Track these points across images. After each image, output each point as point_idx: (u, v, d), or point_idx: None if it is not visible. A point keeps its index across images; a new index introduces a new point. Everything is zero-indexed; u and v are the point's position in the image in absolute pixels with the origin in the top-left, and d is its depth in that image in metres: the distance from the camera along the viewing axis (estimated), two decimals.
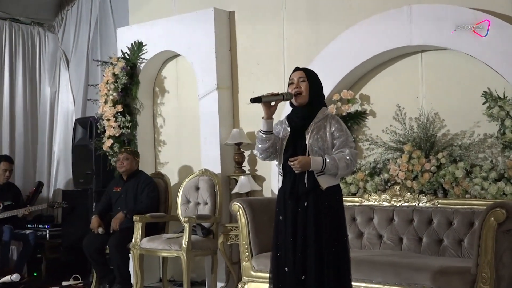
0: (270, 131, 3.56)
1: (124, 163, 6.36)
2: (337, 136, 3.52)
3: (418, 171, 5.12)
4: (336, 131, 3.53)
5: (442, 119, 5.30)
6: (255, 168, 6.37)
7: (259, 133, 3.59)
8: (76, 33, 8.22)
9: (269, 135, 3.55)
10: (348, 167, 3.48)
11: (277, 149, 3.61)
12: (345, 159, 3.45)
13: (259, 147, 3.61)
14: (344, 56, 5.67)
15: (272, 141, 3.57)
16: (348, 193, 5.47)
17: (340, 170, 3.46)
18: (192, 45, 6.60)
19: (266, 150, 3.58)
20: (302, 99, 3.57)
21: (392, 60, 5.60)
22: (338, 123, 3.57)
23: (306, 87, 3.58)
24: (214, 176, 6.24)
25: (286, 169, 3.58)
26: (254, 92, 6.06)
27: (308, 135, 3.53)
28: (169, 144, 7.07)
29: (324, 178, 3.51)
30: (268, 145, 3.57)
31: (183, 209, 6.34)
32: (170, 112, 7.06)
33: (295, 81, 3.60)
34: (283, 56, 6.21)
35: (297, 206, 3.54)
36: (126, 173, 6.38)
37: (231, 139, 6.27)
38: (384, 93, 5.65)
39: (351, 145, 3.54)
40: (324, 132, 3.54)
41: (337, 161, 3.44)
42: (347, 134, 3.55)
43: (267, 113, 3.53)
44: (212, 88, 6.43)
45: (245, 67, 6.50)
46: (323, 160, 3.44)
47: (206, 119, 6.48)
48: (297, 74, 3.61)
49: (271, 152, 3.60)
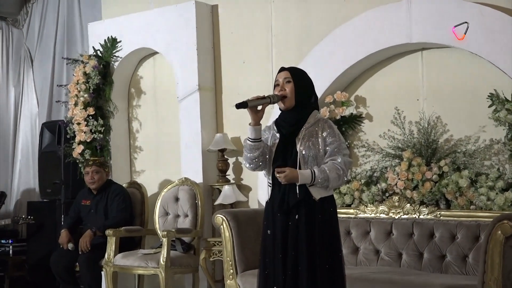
0: (259, 138, 3.54)
1: (95, 177, 6.31)
2: (329, 142, 3.51)
3: (418, 180, 5.11)
4: (329, 136, 3.52)
5: (444, 123, 5.30)
6: (240, 177, 6.35)
7: (247, 141, 3.56)
8: (41, 27, 8.17)
9: (258, 142, 3.54)
10: (340, 178, 3.48)
11: (267, 158, 3.60)
12: (336, 169, 3.45)
13: (248, 157, 3.59)
14: (337, 54, 5.65)
15: (261, 149, 3.55)
16: (342, 204, 5.46)
17: (331, 182, 3.45)
18: (171, 42, 6.58)
19: (256, 159, 3.57)
20: (288, 103, 3.55)
21: (390, 59, 5.59)
22: (331, 128, 3.56)
23: (292, 88, 3.56)
24: (195, 186, 6.22)
25: (275, 179, 3.58)
26: (239, 94, 6.14)
27: (299, 142, 3.52)
28: (145, 151, 7.04)
29: (316, 188, 3.51)
30: (257, 154, 3.55)
31: (161, 222, 6.31)
32: (147, 115, 7.03)
33: (280, 82, 3.59)
34: (271, 54, 6.20)
35: (287, 219, 3.53)
36: (98, 187, 6.36)
37: (214, 145, 6.25)
38: (382, 95, 5.64)
39: (344, 152, 3.53)
40: (316, 139, 3.53)
41: (327, 173, 3.44)
42: (340, 140, 3.54)
43: (254, 118, 3.51)
44: (193, 89, 6.41)
45: (229, 66, 6.48)
46: (312, 174, 3.45)
47: (187, 123, 6.46)
48: (282, 75, 3.60)
49: (261, 162, 3.58)
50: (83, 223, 6.38)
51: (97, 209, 6.31)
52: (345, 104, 5.68)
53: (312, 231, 3.49)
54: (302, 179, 3.44)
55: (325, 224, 3.53)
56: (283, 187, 3.52)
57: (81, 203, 6.42)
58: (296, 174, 3.43)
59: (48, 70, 8.06)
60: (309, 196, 3.50)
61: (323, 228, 3.52)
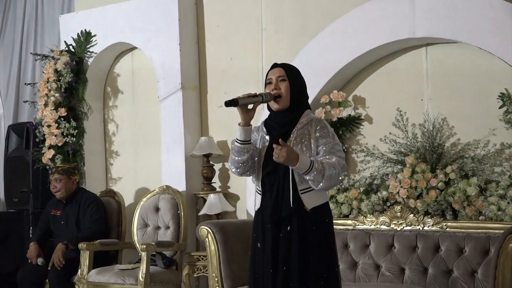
0: (248, 140, 3.53)
1: (57, 186, 6.29)
2: (322, 142, 3.50)
3: (422, 188, 5.12)
4: (321, 136, 3.52)
5: (451, 126, 5.31)
6: (227, 185, 6.34)
7: (235, 143, 3.55)
8: (4, 19, 8.13)
9: (247, 145, 3.53)
10: (333, 178, 3.44)
11: (255, 163, 3.59)
12: (332, 167, 3.42)
13: (235, 160, 3.58)
14: (334, 50, 5.65)
15: (250, 152, 3.54)
16: (339, 215, 5.45)
17: (325, 178, 3.41)
18: (151, 36, 6.57)
19: (244, 163, 3.56)
20: (283, 103, 3.55)
21: (391, 55, 5.60)
22: (325, 128, 3.54)
23: (287, 87, 3.56)
24: (177, 194, 6.20)
25: (265, 186, 3.54)
26: (226, 93, 6.11)
27: (291, 144, 3.52)
28: (123, 156, 7.02)
29: (309, 196, 3.49)
30: (246, 157, 3.54)
31: (140, 234, 6.29)
32: (124, 117, 7.01)
33: (274, 80, 3.57)
34: (261, 50, 6.19)
35: (279, 231, 3.51)
36: (64, 196, 6.34)
37: (199, 150, 6.24)
38: (382, 94, 5.64)
39: (339, 154, 3.50)
40: (308, 140, 3.52)
41: (324, 166, 3.41)
42: (335, 141, 3.52)
43: (245, 118, 3.50)
44: (175, 88, 6.40)
45: (215, 62, 6.46)
46: (311, 161, 3.40)
47: (169, 126, 6.44)
48: (275, 72, 3.59)
49: (249, 166, 3.57)
50: (53, 235, 6.35)
51: (68, 220, 6.28)
52: (342, 104, 5.67)
53: (305, 244, 3.47)
54: (301, 162, 3.39)
55: (320, 236, 3.51)
56: (274, 194, 3.51)
57: (50, 213, 6.38)
58: (296, 155, 3.40)
59: (14, 67, 8.03)
60: (302, 205, 3.48)
61: (318, 240, 3.50)
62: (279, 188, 3.52)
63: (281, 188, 3.51)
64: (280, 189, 3.52)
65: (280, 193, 3.51)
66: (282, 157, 3.38)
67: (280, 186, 3.51)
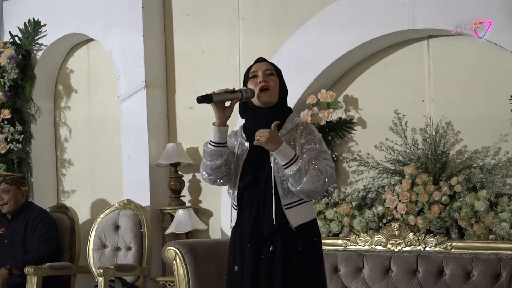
0: (223, 142, 3.52)
1: (5, 198, 6.24)
2: (307, 148, 3.49)
3: (424, 202, 5.12)
4: (307, 143, 3.51)
5: (456, 131, 5.33)
6: (198, 199, 6.33)
7: (208, 145, 3.53)
8: None
9: (222, 148, 3.51)
10: (317, 182, 3.38)
11: (232, 170, 3.58)
12: (318, 170, 3.41)
13: (207, 165, 3.54)
14: (322, 43, 5.65)
15: (225, 157, 3.53)
16: (328, 234, 5.44)
17: (308, 177, 3.38)
18: (110, 25, 6.55)
19: (217, 169, 3.54)
20: (270, 97, 3.54)
21: (388, 49, 5.61)
22: (311, 133, 3.54)
23: (276, 82, 3.58)
24: (140, 210, 6.18)
25: (243, 201, 3.52)
26: (197, 93, 5.87)
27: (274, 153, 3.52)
28: (77, 165, 7.00)
29: (295, 212, 3.48)
30: (219, 162, 3.52)
31: (97, 256, 6.27)
32: (79, 119, 6.99)
33: (260, 74, 3.57)
34: (239, 42, 6.19)
35: (259, 252, 3.49)
36: (12, 211, 6.29)
37: (165, 158, 6.23)
38: (378, 95, 5.65)
39: (327, 162, 3.49)
40: (294, 148, 3.47)
41: (309, 165, 3.40)
42: (322, 147, 3.51)
43: (220, 117, 3.48)
44: (138, 87, 6.39)
45: (185, 57, 6.45)
46: (295, 153, 3.40)
47: (130, 130, 6.42)
48: (262, 66, 3.60)
49: (223, 173, 3.55)
50: None
51: (13, 239, 6.23)
52: (331, 106, 5.68)
53: (290, 267, 3.45)
54: (284, 148, 3.39)
55: (306, 257, 3.49)
56: (255, 209, 3.50)
57: None
58: (280, 141, 3.39)
59: None
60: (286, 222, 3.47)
61: (304, 262, 3.48)
62: (259, 202, 3.50)
63: (262, 202, 3.50)
64: (261, 204, 3.50)
65: (261, 208, 3.49)
66: (264, 136, 3.38)
67: (261, 200, 3.50)
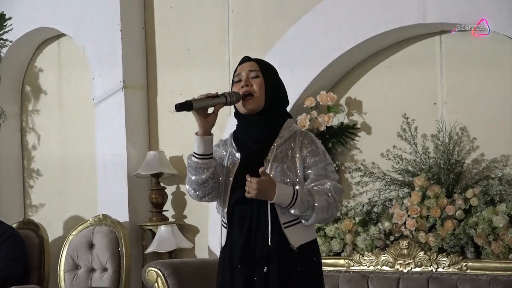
0: (209, 154, 3.50)
1: None
2: (311, 162, 3.48)
3: (436, 217, 5.13)
4: (310, 155, 3.49)
5: (472, 137, 5.34)
6: (183, 214, 6.33)
7: (192, 158, 3.52)
8: None
9: (208, 160, 3.50)
10: (330, 208, 3.42)
11: (221, 183, 3.57)
12: (326, 195, 3.43)
13: (193, 180, 3.53)
14: (322, 40, 5.67)
15: (212, 169, 3.51)
16: (328, 253, 5.45)
17: (316, 211, 3.40)
18: (84, 19, 6.56)
19: (204, 184, 3.53)
20: (255, 103, 3.52)
21: (395, 46, 5.63)
22: (313, 143, 3.54)
23: (261, 85, 3.54)
24: (118, 226, 6.17)
25: (234, 217, 3.51)
26: (181, 95, 6.09)
27: (269, 165, 3.47)
28: (46, 176, 7.01)
29: (296, 231, 3.47)
30: (205, 176, 3.51)
31: (69, 278, 6.25)
32: (48, 124, 7.01)
33: (244, 76, 3.57)
34: (228, 38, 6.21)
35: (252, 273, 3.48)
36: None
37: (146, 168, 6.23)
38: (384, 97, 5.67)
39: (333, 176, 3.51)
40: (292, 160, 3.50)
41: (314, 196, 3.40)
42: (326, 160, 3.52)
43: (203, 125, 3.47)
44: (116, 87, 6.40)
45: (168, 55, 6.47)
46: (294, 191, 3.41)
47: (106, 137, 6.42)
48: (245, 67, 3.58)
49: (211, 188, 3.54)
50: None
51: None
52: (332, 109, 5.69)
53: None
54: (280, 194, 3.38)
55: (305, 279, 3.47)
56: (247, 227, 3.49)
57: None
58: (273, 186, 3.39)
59: None
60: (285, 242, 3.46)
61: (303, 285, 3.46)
62: (252, 220, 3.50)
63: (255, 220, 3.49)
64: (254, 222, 3.49)
65: (254, 226, 3.48)
66: (252, 190, 3.39)
67: (254, 218, 3.49)
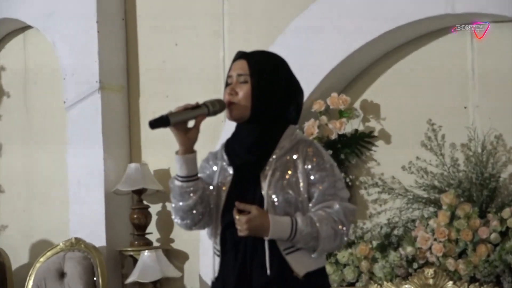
0: (194, 174, 3.51)
1: None
2: (316, 179, 3.47)
3: (467, 241, 5.15)
4: (315, 170, 3.48)
5: (509, 147, 5.39)
6: (169, 237, 6.36)
7: (175, 182, 3.53)
8: None
9: (193, 182, 3.50)
10: (337, 236, 3.43)
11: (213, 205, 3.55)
12: (332, 221, 3.42)
13: (179, 207, 3.54)
14: (333, 32, 5.69)
15: (200, 192, 3.51)
16: (340, 283, 5.49)
17: (322, 241, 3.41)
18: (54, 9, 6.56)
19: (192, 211, 3.53)
20: (237, 112, 3.52)
21: (418, 41, 5.68)
22: (318, 155, 3.51)
23: (247, 93, 3.52)
24: (93, 252, 6.16)
25: (227, 244, 3.51)
26: (168, 97, 6.14)
27: (266, 181, 3.47)
28: (9, 193, 7.02)
29: (300, 258, 3.46)
30: (193, 201, 3.50)
31: None
32: (12, 132, 7.02)
33: (233, 79, 3.56)
34: (223, 31, 6.23)
35: None
36: None
37: (126, 183, 6.23)
38: (405, 100, 5.72)
39: (342, 195, 3.51)
40: (293, 175, 3.48)
41: (316, 225, 3.39)
42: (335, 175, 3.51)
43: (184, 143, 3.47)
44: (91, 89, 6.39)
45: (153, 50, 6.50)
46: (292, 222, 3.42)
47: (80, 146, 6.42)
48: (236, 67, 3.57)
49: (201, 214, 3.54)
50: None
51: None
52: (345, 114, 5.72)
53: None
54: (275, 230, 3.39)
55: None
56: (242, 254, 3.49)
57: None
58: (266, 221, 3.38)
59: None
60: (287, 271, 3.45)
61: None
62: (247, 246, 3.48)
63: (250, 246, 3.48)
64: (249, 248, 3.48)
65: (249, 253, 3.48)
66: (243, 230, 3.41)
67: (249, 242, 3.47)
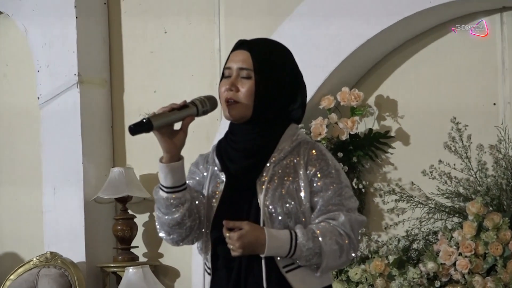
0: (180, 185, 3.47)
1: None
2: (320, 186, 3.45)
3: (496, 256, 5.12)
4: (319, 176, 3.46)
5: None
6: (158, 252, 6.36)
7: (159, 192, 3.49)
8: None
9: (180, 192, 3.46)
10: (343, 252, 3.43)
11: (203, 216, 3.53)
12: (337, 234, 3.41)
13: (164, 221, 3.52)
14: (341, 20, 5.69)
15: (188, 204, 3.47)
16: None
17: (326, 257, 3.40)
18: None
19: (179, 225, 3.50)
20: (239, 111, 3.49)
21: (439, 29, 5.67)
22: (322, 159, 3.50)
23: (250, 90, 3.48)
24: (70, 268, 6.15)
25: (219, 260, 3.50)
26: (156, 92, 6.17)
27: (263, 189, 3.44)
28: None
29: (301, 275, 3.44)
30: (180, 214, 3.47)
31: None
32: None
33: (233, 73, 3.51)
34: (218, 18, 6.23)
35: None
36: None
37: (109, 190, 6.22)
38: (426, 96, 5.71)
39: (350, 204, 3.50)
40: (294, 181, 3.46)
41: (319, 240, 3.39)
42: (341, 182, 3.50)
43: (169, 149, 3.42)
44: (68, 83, 6.40)
45: (139, 39, 6.50)
46: (291, 237, 3.40)
47: (56, 147, 6.45)
48: (237, 58, 3.52)
49: (189, 228, 3.51)
50: None
51: None
52: (358, 112, 5.72)
53: None
54: (272, 245, 3.38)
55: None
56: (236, 270, 3.47)
57: None
58: (261, 236, 3.37)
59: None
60: None
61: None
62: (241, 263, 3.46)
63: (245, 263, 3.46)
64: (243, 265, 3.46)
65: (244, 271, 3.45)
66: (236, 249, 3.38)
67: (244, 260, 3.45)
